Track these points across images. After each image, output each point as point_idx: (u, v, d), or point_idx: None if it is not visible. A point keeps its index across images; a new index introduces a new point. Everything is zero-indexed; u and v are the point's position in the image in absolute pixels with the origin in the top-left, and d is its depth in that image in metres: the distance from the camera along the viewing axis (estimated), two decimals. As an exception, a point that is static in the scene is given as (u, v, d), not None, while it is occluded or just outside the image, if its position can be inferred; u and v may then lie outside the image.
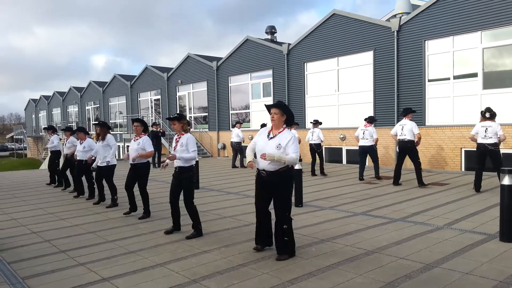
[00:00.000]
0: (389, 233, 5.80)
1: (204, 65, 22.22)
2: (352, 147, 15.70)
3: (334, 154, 16.42)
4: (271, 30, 20.94)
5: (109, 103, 31.16)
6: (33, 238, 6.05)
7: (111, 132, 8.74)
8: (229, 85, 20.92)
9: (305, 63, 17.14)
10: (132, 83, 28.05)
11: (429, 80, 13.58)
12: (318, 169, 12.53)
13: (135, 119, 7.42)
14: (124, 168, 8.02)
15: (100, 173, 8.39)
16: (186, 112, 23.91)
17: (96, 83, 32.89)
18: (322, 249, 5.11)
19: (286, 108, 4.81)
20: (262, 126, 6.74)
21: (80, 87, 35.76)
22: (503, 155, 10.56)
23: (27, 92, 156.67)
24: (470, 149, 12.64)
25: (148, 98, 27.05)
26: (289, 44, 17.75)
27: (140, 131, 7.28)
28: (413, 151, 9.80)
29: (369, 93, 15.10)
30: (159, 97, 25.81)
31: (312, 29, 16.72)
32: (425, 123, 13.52)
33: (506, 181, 5.15)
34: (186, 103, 24.07)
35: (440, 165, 13.26)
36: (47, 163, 14.25)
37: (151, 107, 26.74)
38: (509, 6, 11.67)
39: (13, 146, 52.82)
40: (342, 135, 15.85)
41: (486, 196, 8.38)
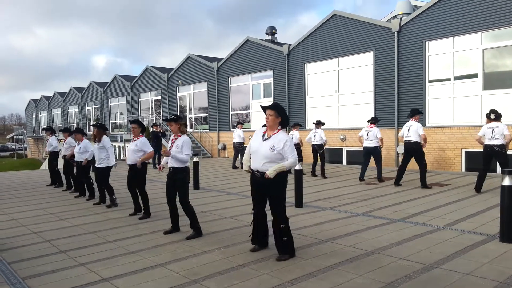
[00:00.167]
0: (390, 233, 5.81)
1: (205, 65, 22.22)
2: (352, 148, 15.70)
3: (334, 155, 16.42)
4: (272, 31, 20.95)
5: (109, 104, 31.17)
6: (34, 238, 6.06)
7: (107, 134, 8.78)
8: (230, 85, 20.93)
9: (306, 64, 17.14)
10: (132, 83, 28.06)
11: (429, 81, 13.58)
12: (318, 169, 12.52)
13: (132, 121, 7.48)
14: (125, 169, 8.02)
15: (97, 174, 8.43)
16: (186, 112, 23.92)
17: (96, 84, 32.90)
18: (322, 250, 5.12)
19: (281, 110, 4.86)
20: (264, 126, 6.73)
21: (81, 88, 35.77)
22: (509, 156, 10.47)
23: (28, 93, 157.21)
24: (470, 150, 12.65)
25: (148, 98, 27.05)
26: (289, 45, 17.75)
27: (138, 132, 7.33)
28: (418, 152, 9.71)
29: (369, 94, 15.11)
30: (159, 97, 25.81)
31: (312, 30, 16.72)
32: (425, 123, 13.50)
33: (507, 182, 5.16)
34: (186, 103, 24.07)
35: (440, 166, 13.25)
36: (47, 164, 14.27)
37: (152, 108, 26.74)
38: (509, 7, 11.67)
39: (14, 147, 52.81)
40: (342, 136, 15.85)
41: (487, 197, 8.38)
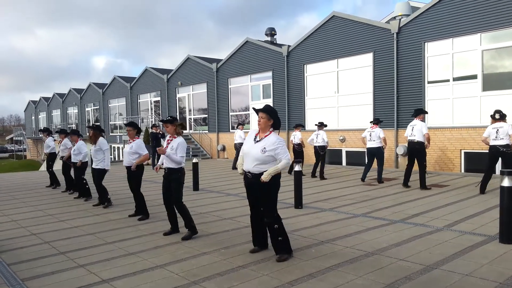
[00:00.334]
0: (389, 234, 5.80)
1: (204, 66, 22.23)
2: (352, 149, 15.71)
3: (334, 156, 16.42)
4: (271, 32, 21.01)
5: (109, 105, 31.17)
6: (33, 239, 6.04)
7: (104, 136, 8.82)
8: (229, 86, 20.93)
9: (305, 65, 17.16)
10: (132, 84, 28.06)
11: (428, 82, 13.59)
12: (318, 170, 12.51)
13: (127, 123, 7.53)
14: (124, 170, 8.02)
15: (93, 175, 8.45)
16: (186, 113, 23.93)
17: (96, 85, 32.90)
18: (322, 251, 5.11)
19: (273, 113, 4.89)
20: None
21: (80, 89, 35.77)
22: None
23: (27, 94, 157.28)
24: (469, 150, 12.66)
25: (148, 99, 27.06)
26: (289, 46, 17.77)
27: (133, 135, 7.36)
28: (420, 153, 9.63)
29: (368, 95, 15.12)
30: (159, 98, 25.82)
31: (312, 31, 16.74)
32: (424, 124, 13.52)
33: (506, 183, 5.16)
34: (186, 104, 24.07)
35: (440, 167, 13.26)
36: (45, 165, 14.30)
37: (151, 109, 26.75)
38: (508, 8, 11.69)
39: (13, 148, 52.80)
40: (341, 137, 15.85)
41: (486, 198, 8.39)
